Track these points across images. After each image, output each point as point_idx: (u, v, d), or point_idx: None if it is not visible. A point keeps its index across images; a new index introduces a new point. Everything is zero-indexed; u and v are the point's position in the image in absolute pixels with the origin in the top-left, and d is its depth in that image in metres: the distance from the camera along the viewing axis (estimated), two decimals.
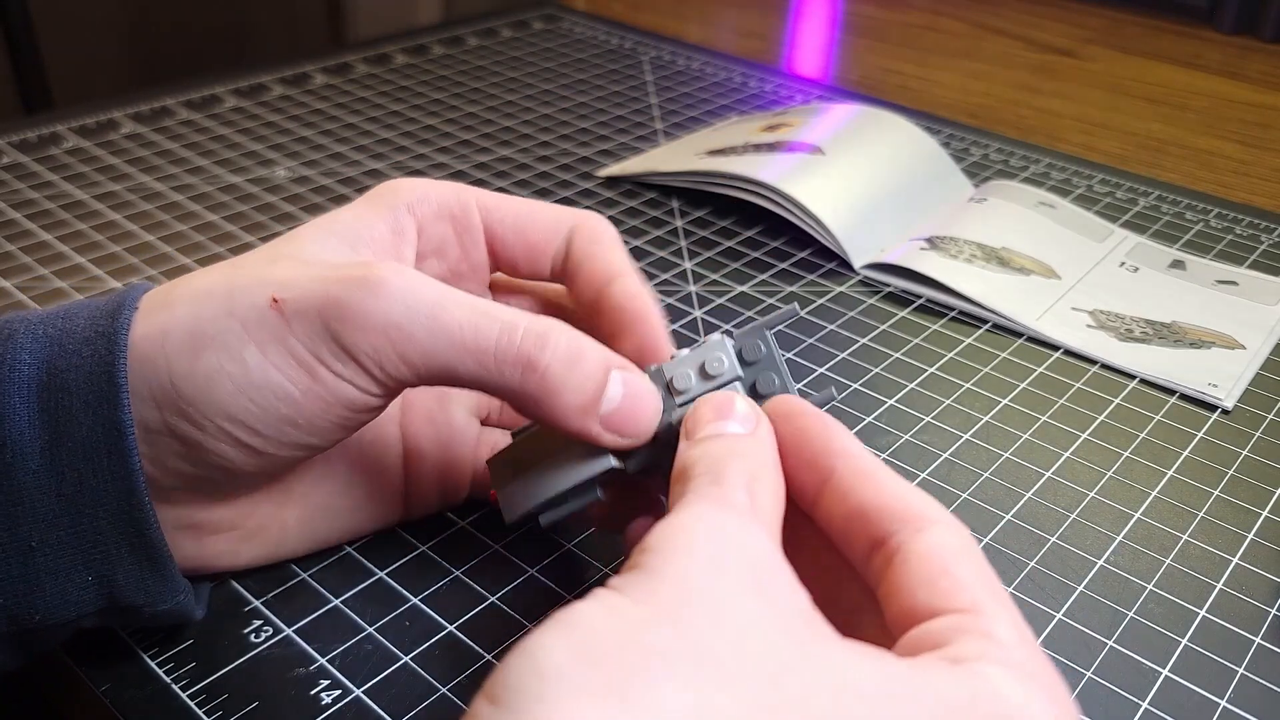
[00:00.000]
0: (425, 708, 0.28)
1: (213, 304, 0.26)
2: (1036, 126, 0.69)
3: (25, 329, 0.26)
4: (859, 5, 0.92)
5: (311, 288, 0.25)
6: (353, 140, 0.61)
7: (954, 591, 0.22)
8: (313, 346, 0.25)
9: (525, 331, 0.26)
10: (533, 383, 0.26)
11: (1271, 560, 0.34)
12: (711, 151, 0.57)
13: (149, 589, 0.26)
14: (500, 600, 0.31)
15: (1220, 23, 0.87)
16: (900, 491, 0.24)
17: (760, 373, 0.28)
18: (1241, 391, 0.43)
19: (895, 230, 0.53)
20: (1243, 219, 0.57)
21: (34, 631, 0.26)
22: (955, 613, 0.21)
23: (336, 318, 0.25)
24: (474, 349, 0.25)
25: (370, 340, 0.25)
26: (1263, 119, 0.72)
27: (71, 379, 0.25)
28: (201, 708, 0.27)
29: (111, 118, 0.62)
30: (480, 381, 0.26)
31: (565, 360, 0.26)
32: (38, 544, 0.25)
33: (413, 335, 0.25)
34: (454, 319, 0.25)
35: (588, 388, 0.26)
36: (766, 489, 0.23)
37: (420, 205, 0.30)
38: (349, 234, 0.29)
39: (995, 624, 0.21)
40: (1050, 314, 0.47)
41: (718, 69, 0.75)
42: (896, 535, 0.23)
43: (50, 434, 0.25)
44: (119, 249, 0.49)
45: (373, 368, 0.25)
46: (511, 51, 0.77)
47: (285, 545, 0.31)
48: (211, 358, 0.25)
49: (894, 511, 0.23)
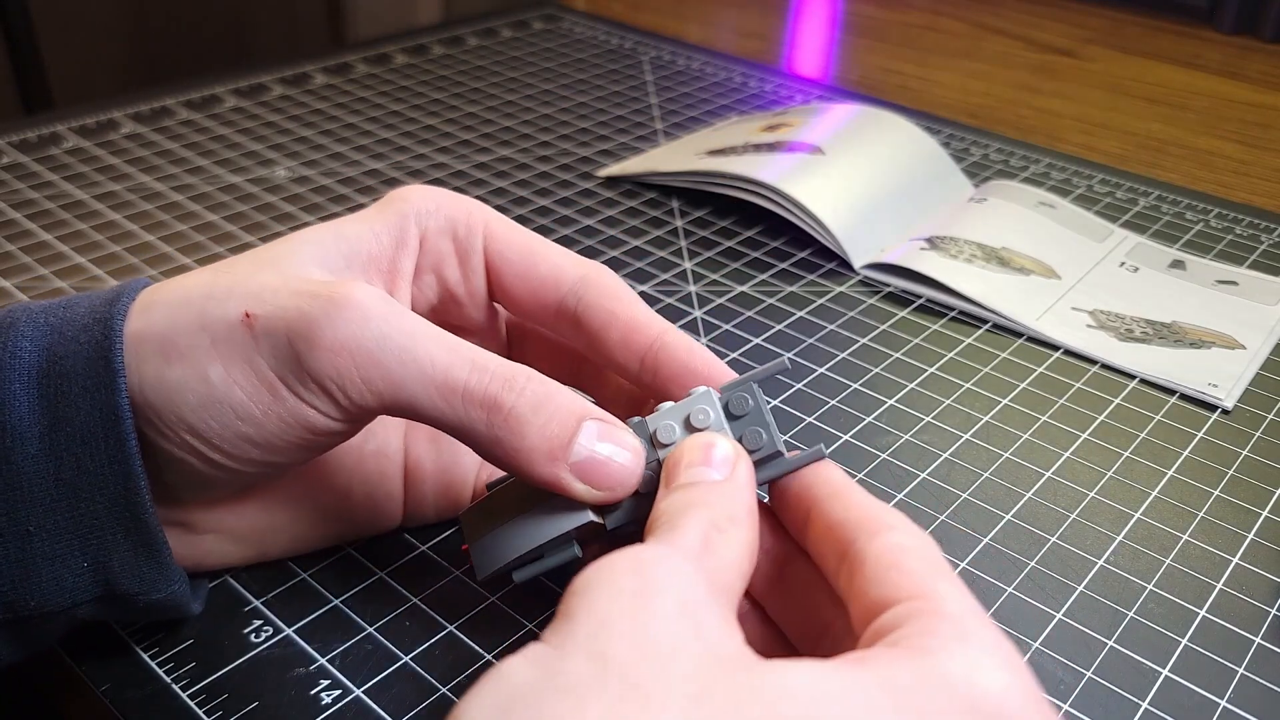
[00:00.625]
0: (425, 708, 0.28)
1: (187, 314, 0.26)
2: (1036, 126, 0.69)
3: (26, 317, 0.26)
4: (859, 5, 0.92)
5: (283, 304, 0.25)
6: (353, 140, 0.61)
7: (901, 582, 0.22)
8: (277, 367, 0.25)
9: (494, 374, 0.25)
10: (497, 424, 0.25)
11: (1271, 560, 0.34)
12: (711, 151, 0.57)
13: (144, 576, 0.26)
14: (500, 600, 0.31)
15: (1220, 23, 0.87)
16: (862, 503, 0.24)
17: (747, 427, 0.27)
18: (1241, 391, 0.43)
19: (895, 230, 0.53)
20: (1243, 219, 0.57)
21: (30, 620, 0.26)
22: (905, 600, 0.21)
23: (304, 338, 0.25)
24: (442, 385, 0.25)
25: (336, 364, 0.25)
26: (1263, 119, 0.72)
27: (70, 365, 0.25)
28: (201, 708, 0.27)
29: (111, 118, 0.62)
30: (444, 419, 0.25)
31: (531, 404, 0.25)
32: (35, 529, 0.25)
33: (381, 363, 0.25)
34: (426, 352, 0.25)
35: (554, 432, 0.25)
36: (730, 538, 0.23)
37: (427, 218, 0.29)
38: (346, 243, 0.28)
39: (942, 602, 0.21)
40: (1050, 314, 0.47)
41: (718, 69, 0.75)
42: (855, 542, 0.23)
43: (49, 419, 0.25)
44: (119, 249, 0.49)
45: (335, 392, 0.25)
46: (511, 51, 0.77)
47: (276, 546, 0.31)
48: (177, 370, 0.25)
49: (855, 522, 0.24)
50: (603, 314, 0.29)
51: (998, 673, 0.20)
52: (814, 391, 0.41)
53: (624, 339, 0.29)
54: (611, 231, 0.53)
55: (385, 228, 0.29)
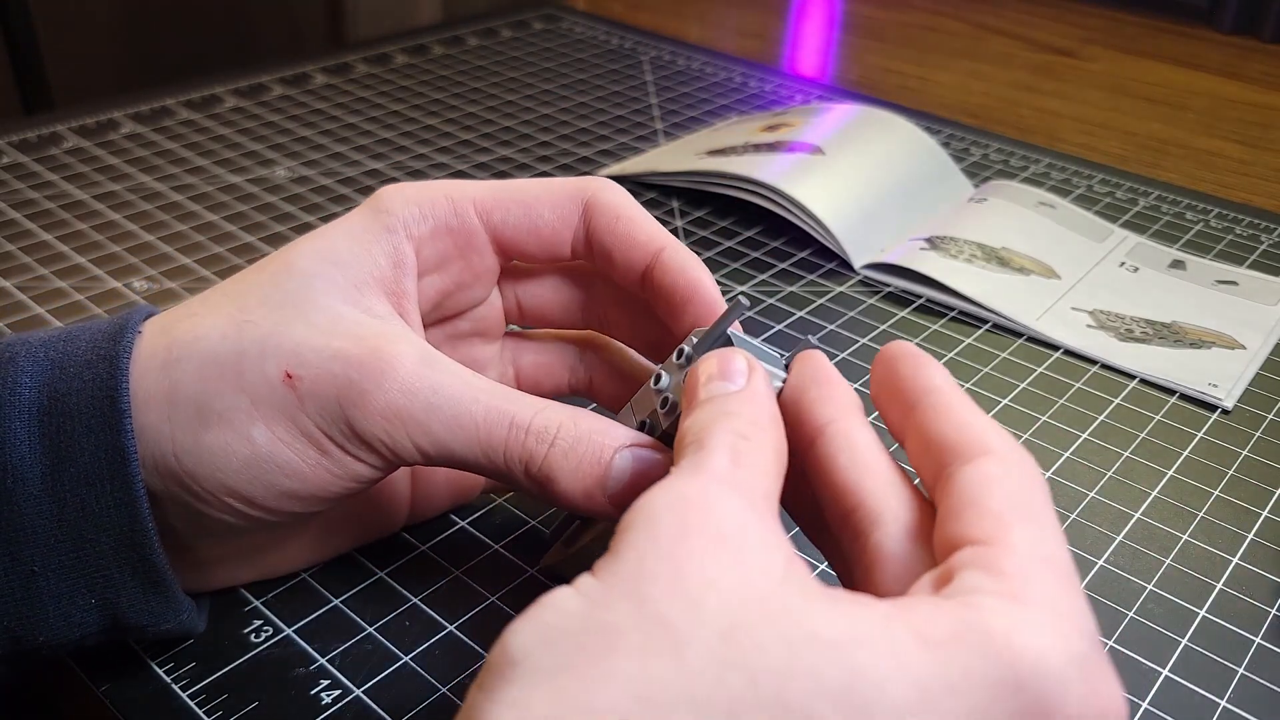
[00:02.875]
0: (425, 708, 0.28)
1: (219, 375, 0.25)
2: (1036, 126, 0.69)
3: (25, 352, 0.25)
4: (859, 5, 0.92)
5: (328, 368, 0.25)
6: (353, 140, 0.61)
7: (975, 522, 0.21)
8: (324, 425, 0.25)
9: (529, 430, 0.26)
10: (534, 474, 0.26)
11: (1271, 560, 0.34)
12: (711, 151, 0.57)
13: (153, 610, 0.26)
14: (500, 600, 0.31)
15: (1220, 23, 0.87)
16: (965, 422, 0.23)
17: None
18: (1241, 391, 0.43)
19: (895, 230, 0.53)
20: (1243, 219, 0.57)
21: (37, 650, 0.26)
22: (973, 543, 0.20)
23: (353, 403, 0.25)
24: (485, 445, 0.26)
25: (386, 427, 0.25)
26: (1263, 119, 0.72)
27: (73, 403, 0.25)
28: (201, 708, 0.27)
29: (111, 118, 0.62)
30: (485, 471, 0.26)
31: (562, 451, 0.26)
32: (40, 569, 0.25)
33: (429, 429, 0.25)
34: (470, 416, 0.26)
35: (587, 472, 0.26)
36: (756, 447, 0.22)
37: (415, 226, 0.29)
38: (350, 271, 0.27)
39: (1008, 553, 0.20)
40: (1050, 314, 0.47)
41: (718, 69, 0.75)
42: (949, 467, 0.22)
43: (51, 459, 0.24)
44: (119, 249, 0.49)
45: (384, 450, 0.26)
46: (511, 51, 0.77)
47: (285, 563, 0.31)
48: (218, 435, 0.25)
49: (953, 443, 0.22)
50: (609, 238, 0.30)
51: (1042, 633, 0.19)
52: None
53: (624, 260, 0.30)
54: None
55: (380, 250, 0.28)
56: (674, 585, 0.19)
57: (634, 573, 0.19)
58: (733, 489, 0.21)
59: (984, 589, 0.19)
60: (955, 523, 0.21)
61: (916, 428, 0.24)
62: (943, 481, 0.22)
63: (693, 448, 0.22)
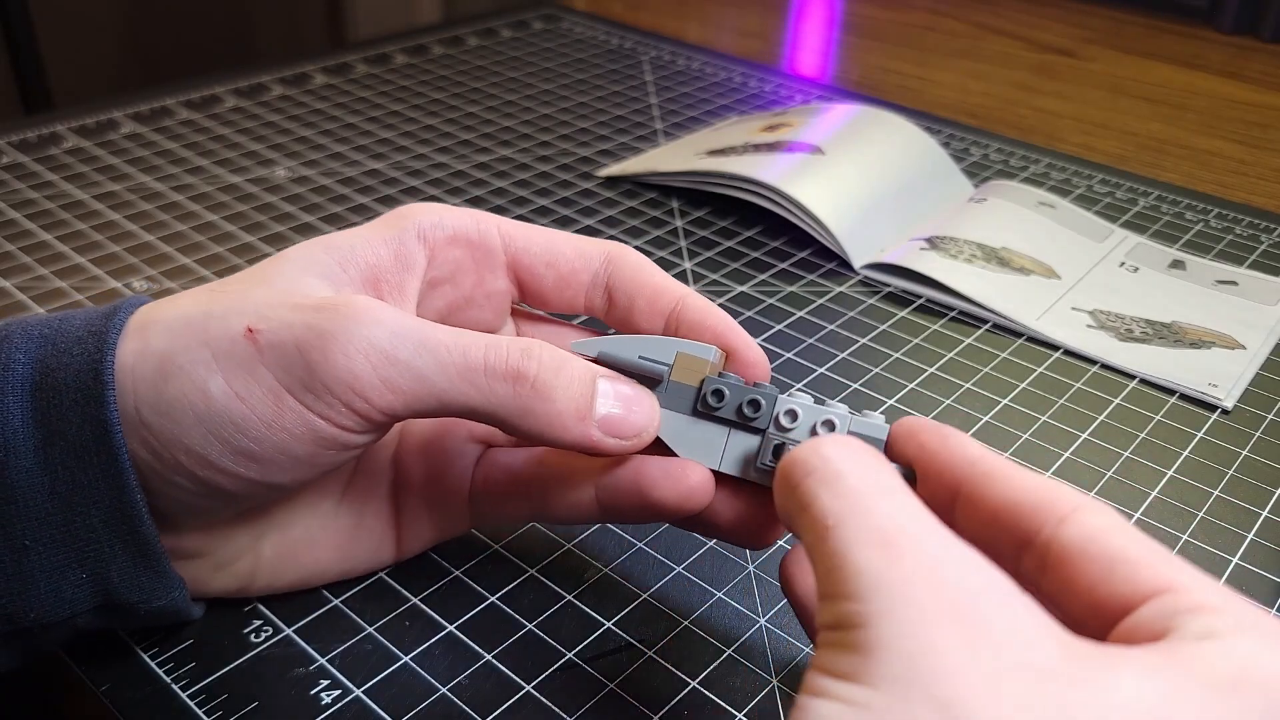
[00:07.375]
0: (425, 708, 0.28)
1: (186, 332, 0.25)
2: (1036, 126, 0.69)
3: (20, 330, 0.26)
4: (859, 5, 0.92)
5: (289, 318, 0.25)
6: (353, 140, 0.61)
7: (1137, 574, 0.20)
8: (283, 378, 0.25)
9: (509, 347, 0.26)
10: (524, 393, 0.25)
11: (1271, 560, 0.34)
12: (711, 151, 0.57)
13: (143, 585, 0.26)
14: (500, 600, 0.31)
15: (1220, 23, 0.87)
16: (1031, 485, 0.23)
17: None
18: (1241, 391, 0.43)
19: (895, 230, 0.53)
20: (1242, 219, 0.57)
21: (30, 631, 0.26)
22: (1155, 595, 0.20)
23: (316, 348, 0.25)
24: (462, 367, 0.25)
25: (352, 368, 0.25)
26: (1263, 119, 0.72)
27: (61, 378, 0.25)
28: (201, 708, 0.27)
29: (111, 118, 0.62)
30: (470, 402, 0.25)
31: (552, 368, 0.26)
32: (31, 543, 0.25)
33: (399, 359, 0.25)
34: (439, 341, 0.25)
35: (579, 391, 0.26)
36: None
37: (433, 231, 0.29)
38: (338, 251, 0.28)
39: (1203, 593, 0.20)
40: (1050, 314, 0.47)
41: (718, 69, 0.75)
42: (1041, 531, 0.22)
43: (43, 433, 0.25)
44: (119, 249, 0.49)
45: (353, 398, 0.25)
46: (511, 51, 0.77)
47: (260, 579, 0.30)
48: (176, 386, 0.25)
49: (1029, 507, 0.22)
50: (632, 285, 0.30)
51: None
52: (814, 392, 0.41)
53: (650, 304, 0.30)
54: (611, 231, 0.53)
55: (383, 242, 0.28)
56: (964, 669, 0.18)
57: (922, 671, 0.18)
58: (1017, 595, 0.20)
59: (1222, 631, 0.19)
60: (1110, 583, 0.21)
61: (977, 499, 0.23)
62: (1040, 546, 0.22)
63: None
